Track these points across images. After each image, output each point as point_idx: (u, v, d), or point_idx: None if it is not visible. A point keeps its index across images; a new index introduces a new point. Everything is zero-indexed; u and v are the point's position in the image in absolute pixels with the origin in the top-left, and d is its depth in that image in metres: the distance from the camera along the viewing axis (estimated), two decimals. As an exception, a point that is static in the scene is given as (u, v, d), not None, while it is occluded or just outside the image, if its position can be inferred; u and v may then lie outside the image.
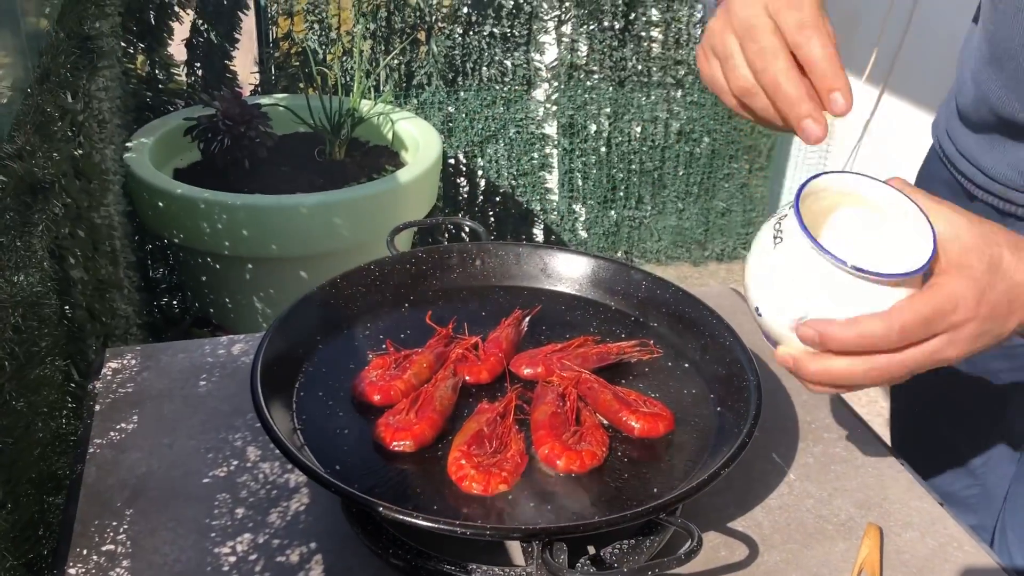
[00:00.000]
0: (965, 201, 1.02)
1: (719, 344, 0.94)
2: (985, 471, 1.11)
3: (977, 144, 1.00)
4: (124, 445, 0.92)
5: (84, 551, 0.79)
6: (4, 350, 0.82)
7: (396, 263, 1.05)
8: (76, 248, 1.15)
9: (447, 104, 2.89)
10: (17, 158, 0.94)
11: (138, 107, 2.44)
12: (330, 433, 0.84)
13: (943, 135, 1.09)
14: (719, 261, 3.41)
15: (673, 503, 0.72)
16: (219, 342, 1.10)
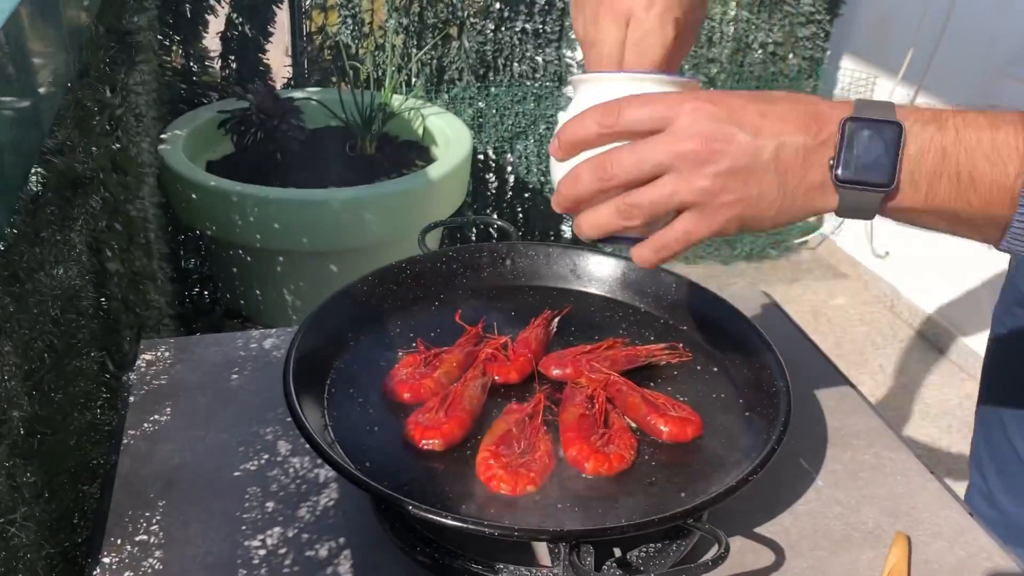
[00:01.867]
0: None
1: (749, 348, 0.93)
2: None
3: None
4: (158, 436, 0.94)
5: (118, 540, 0.81)
6: (44, 342, 0.83)
7: (427, 262, 1.06)
8: (113, 241, 1.16)
9: (478, 100, 2.89)
10: (58, 153, 0.95)
11: (172, 99, 2.47)
12: (360, 430, 0.85)
13: None
14: (748, 260, 3.39)
15: (700, 508, 0.72)
16: (251, 336, 1.12)
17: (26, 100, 0.92)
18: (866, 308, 3.15)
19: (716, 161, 0.61)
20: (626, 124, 0.64)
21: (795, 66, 3.10)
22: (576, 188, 0.67)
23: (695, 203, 0.63)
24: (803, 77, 3.12)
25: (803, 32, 3.05)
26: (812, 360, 1.11)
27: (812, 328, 2.97)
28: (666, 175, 0.63)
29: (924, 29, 2.84)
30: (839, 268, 3.38)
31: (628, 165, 0.63)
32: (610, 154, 0.64)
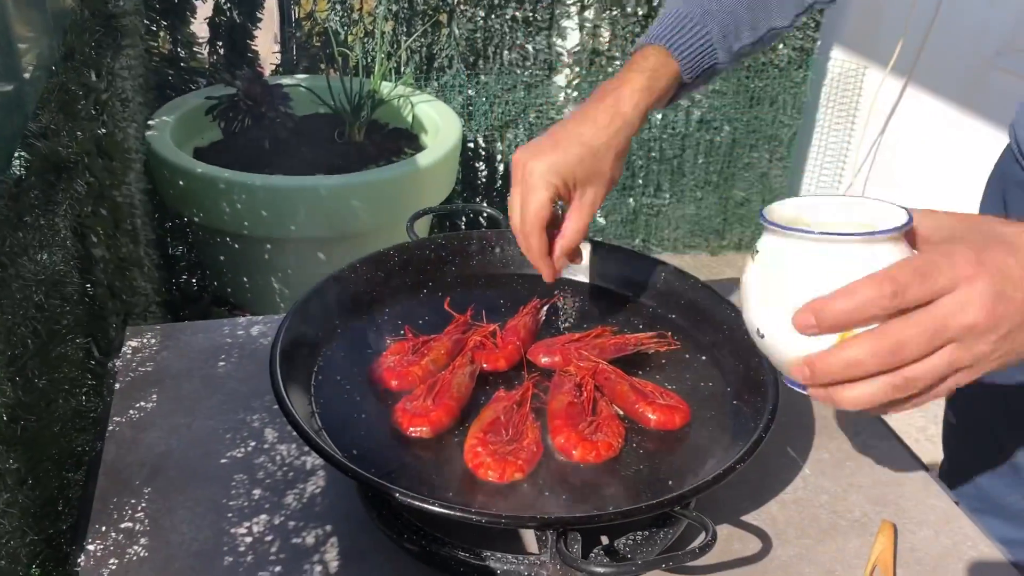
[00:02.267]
0: None
1: (737, 337, 0.93)
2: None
3: None
4: (143, 424, 0.93)
5: (103, 528, 0.80)
6: (27, 328, 0.82)
7: (416, 249, 1.06)
8: (98, 226, 1.15)
9: (467, 87, 2.88)
10: (42, 137, 0.94)
11: (159, 85, 2.45)
12: (347, 417, 0.84)
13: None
14: (737, 251, 3.39)
15: (688, 496, 0.72)
16: (238, 323, 1.11)
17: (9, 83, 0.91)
18: (854, 298, 3.16)
19: (998, 327, 0.60)
20: (908, 303, 0.59)
21: (785, 56, 3.10)
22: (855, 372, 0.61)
23: (971, 365, 0.63)
24: (793, 67, 3.12)
25: (794, 22, 3.04)
26: (800, 349, 1.11)
27: (800, 318, 2.98)
28: (948, 346, 0.61)
29: (914, 20, 2.84)
30: (827, 258, 3.39)
31: (922, 347, 0.60)
32: (900, 337, 0.59)
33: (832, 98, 3.29)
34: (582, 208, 0.88)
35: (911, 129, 2.98)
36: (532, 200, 0.86)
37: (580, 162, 0.86)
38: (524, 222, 0.87)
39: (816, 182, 3.45)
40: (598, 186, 0.88)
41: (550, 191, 0.86)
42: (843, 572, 0.80)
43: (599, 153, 0.86)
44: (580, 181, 0.87)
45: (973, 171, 2.77)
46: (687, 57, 0.90)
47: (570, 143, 0.86)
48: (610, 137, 0.87)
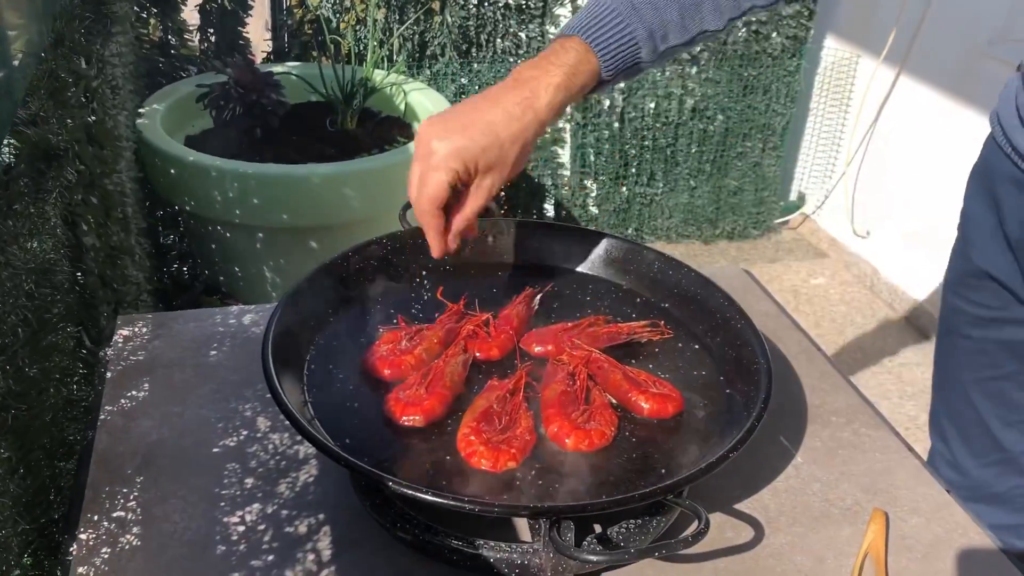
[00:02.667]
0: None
1: (730, 326, 0.93)
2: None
3: None
4: (135, 412, 0.93)
5: (95, 517, 0.80)
6: (18, 316, 0.82)
7: (408, 238, 1.05)
8: (89, 215, 1.15)
9: (460, 76, 2.87)
10: (31, 124, 0.93)
11: (150, 72, 2.43)
12: (340, 406, 0.84)
13: (1012, 126, 1.04)
14: (729, 240, 3.39)
15: (680, 485, 0.72)
16: (230, 312, 1.11)
17: (-2, 69, 0.90)
18: (846, 288, 3.16)
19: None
20: None
21: (779, 45, 3.09)
22: None
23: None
24: (786, 56, 3.12)
25: (787, 11, 3.04)
26: (793, 338, 1.12)
27: (792, 307, 2.99)
28: None
29: (907, 9, 2.84)
30: (820, 247, 3.40)
31: None
32: None
33: (825, 87, 3.29)
34: (479, 193, 0.88)
35: (904, 118, 2.99)
36: (431, 181, 0.85)
37: (484, 151, 0.85)
38: (420, 200, 0.87)
39: (809, 171, 3.45)
40: (498, 175, 0.87)
41: (450, 175, 0.85)
42: (835, 560, 0.80)
43: (505, 145, 0.86)
44: (481, 168, 0.86)
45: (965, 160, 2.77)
46: (609, 54, 0.89)
47: (478, 130, 0.85)
48: (520, 130, 0.86)
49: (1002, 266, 1.08)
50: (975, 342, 1.14)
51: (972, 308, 1.13)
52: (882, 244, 3.13)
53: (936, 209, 2.81)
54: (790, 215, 3.50)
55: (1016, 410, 1.11)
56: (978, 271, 1.11)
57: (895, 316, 2.99)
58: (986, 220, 1.08)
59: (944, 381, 1.22)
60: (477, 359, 0.92)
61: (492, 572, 0.74)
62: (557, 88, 0.87)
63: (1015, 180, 1.03)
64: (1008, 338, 1.09)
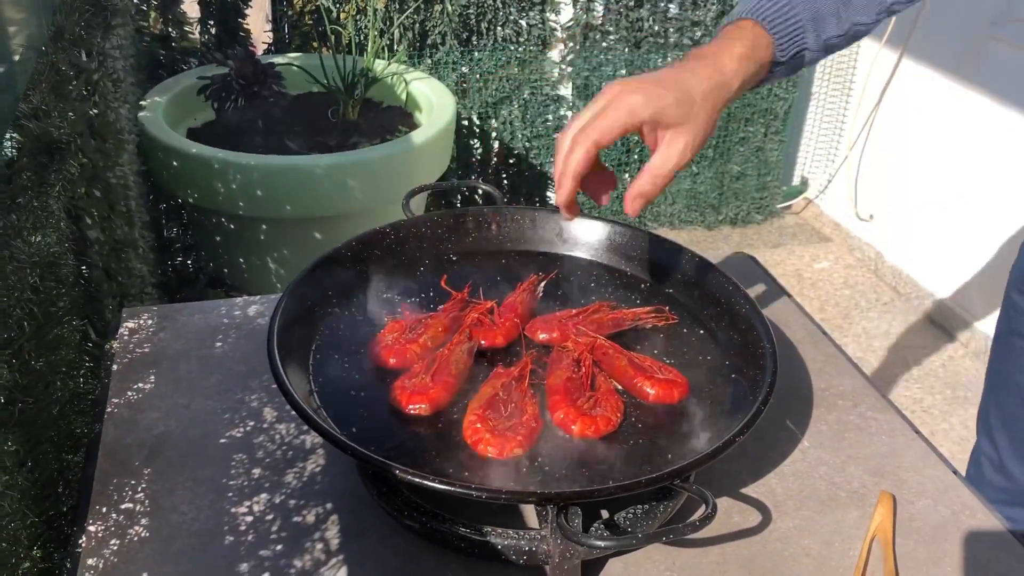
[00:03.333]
0: None
1: (735, 311, 0.93)
2: None
3: None
4: (142, 405, 0.93)
5: (103, 509, 0.80)
6: (23, 310, 0.82)
7: (411, 227, 1.05)
8: (92, 208, 1.15)
9: (461, 64, 2.86)
10: (33, 117, 0.93)
11: (151, 65, 2.42)
12: (346, 396, 0.84)
13: None
14: (732, 225, 3.39)
15: (687, 469, 0.72)
16: (235, 303, 1.11)
17: (-1, 63, 0.90)
18: (850, 271, 3.16)
19: None
20: None
21: (780, 29, 3.07)
22: None
23: None
24: (788, 40, 3.10)
25: None
26: (798, 322, 1.11)
27: (796, 292, 2.99)
28: None
29: (910, -10, 2.82)
30: (823, 232, 3.39)
31: None
32: None
33: (827, 71, 3.27)
34: (670, 151, 0.79)
35: (907, 100, 2.97)
36: (609, 116, 0.77)
37: (677, 104, 0.78)
38: (586, 131, 0.78)
39: (812, 156, 3.44)
40: (690, 135, 0.79)
41: (632, 120, 0.78)
42: (842, 543, 0.80)
43: (697, 101, 0.79)
44: (672, 123, 0.78)
45: (970, 141, 2.76)
46: (781, 33, 0.86)
47: (670, 83, 0.79)
48: (710, 90, 0.80)
49: None
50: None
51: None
52: (886, 227, 3.12)
53: (940, 191, 2.80)
54: (793, 200, 3.49)
55: None
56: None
57: (899, 299, 2.99)
58: None
59: (999, 381, 1.18)
60: (482, 347, 0.92)
61: (500, 559, 0.74)
62: (742, 57, 0.83)
63: None
64: None
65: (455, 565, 0.76)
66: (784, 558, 0.79)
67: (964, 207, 2.69)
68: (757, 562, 0.78)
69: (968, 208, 2.68)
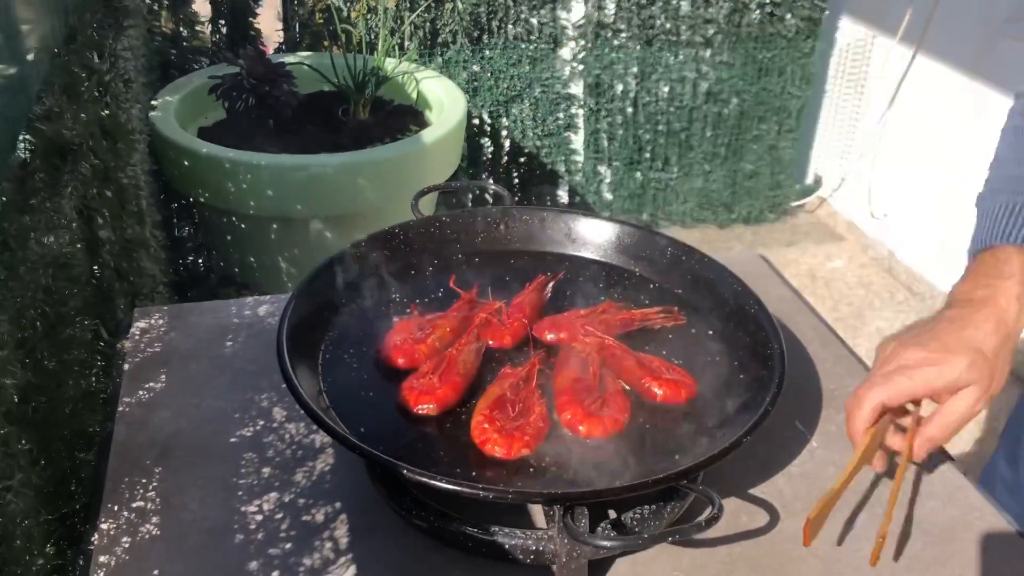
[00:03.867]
0: None
1: (744, 311, 0.93)
2: None
3: None
4: (153, 404, 0.94)
5: (115, 507, 0.81)
6: (36, 310, 0.83)
7: (421, 227, 1.05)
8: (104, 208, 1.16)
9: (472, 63, 2.86)
10: (46, 120, 0.94)
11: (162, 65, 2.44)
12: (355, 395, 0.85)
13: None
14: (745, 224, 3.38)
15: (694, 470, 0.72)
16: (245, 303, 1.11)
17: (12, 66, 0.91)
18: (863, 271, 3.15)
19: None
20: None
21: (793, 26, 3.06)
22: None
23: None
24: (801, 38, 3.09)
25: None
26: (808, 322, 1.11)
27: (809, 291, 2.98)
28: None
29: (923, -13, 2.80)
30: (836, 230, 3.37)
31: None
32: None
33: (841, 68, 3.26)
34: (964, 406, 0.80)
35: (921, 98, 2.96)
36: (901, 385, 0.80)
37: (970, 369, 0.79)
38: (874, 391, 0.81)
39: (825, 154, 3.43)
40: (984, 390, 0.80)
41: (926, 391, 0.81)
42: (851, 543, 0.80)
43: (990, 357, 0.80)
44: (964, 383, 0.80)
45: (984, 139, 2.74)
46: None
47: (961, 346, 0.79)
48: (1000, 344, 0.81)
49: None
50: None
51: None
52: (900, 226, 3.11)
53: (954, 190, 2.78)
54: (806, 198, 3.48)
55: None
56: None
57: (913, 298, 2.97)
58: None
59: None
60: (490, 347, 0.92)
61: (507, 558, 0.74)
62: (1020, 297, 0.82)
63: None
64: None
65: (462, 564, 0.76)
66: (792, 559, 0.79)
67: (977, 205, 2.67)
68: (764, 562, 0.78)
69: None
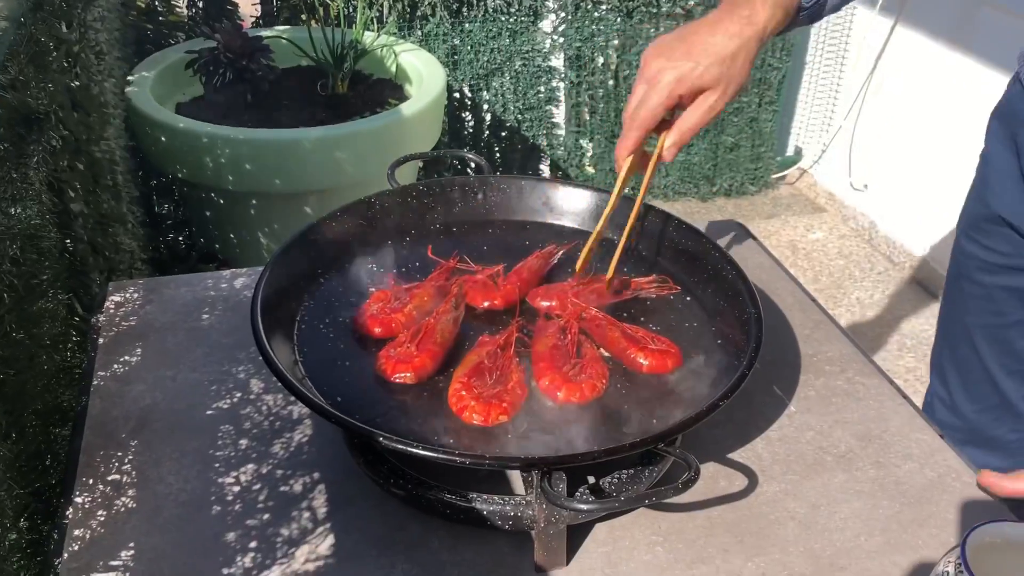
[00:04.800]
0: None
1: (721, 277, 0.93)
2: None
3: None
4: (128, 377, 0.93)
5: (90, 480, 0.80)
6: (3, 282, 0.82)
7: (397, 197, 1.04)
8: (75, 181, 1.14)
9: (452, 36, 2.83)
10: (10, 88, 0.92)
11: (138, 40, 2.40)
12: (331, 365, 0.84)
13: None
14: (727, 196, 3.37)
15: (672, 433, 0.72)
16: (221, 276, 1.10)
17: (-25, 34, 0.89)
18: (844, 241, 3.15)
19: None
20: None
21: (774, -3, 3.05)
22: None
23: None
24: (782, 8, 3.07)
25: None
26: (787, 288, 1.11)
27: (790, 262, 2.98)
28: None
29: (903, -43, 2.79)
30: (817, 202, 3.38)
31: None
32: None
33: (821, 39, 3.25)
34: (701, 110, 0.89)
35: (901, 68, 2.96)
36: (652, 99, 0.87)
37: (707, 70, 0.86)
38: (635, 117, 0.89)
39: (806, 125, 3.43)
40: (722, 91, 0.88)
41: (672, 100, 0.87)
42: (828, 506, 0.81)
43: (726, 62, 0.87)
44: (705, 86, 0.88)
45: (964, 108, 2.74)
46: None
47: (701, 53, 0.87)
48: (741, 44, 0.87)
49: (1018, 211, 1.06)
50: (984, 288, 1.13)
51: (984, 253, 1.12)
52: (880, 197, 3.11)
53: (935, 160, 2.79)
54: (787, 170, 3.48)
55: (1019, 358, 1.10)
56: (993, 216, 1.09)
57: (893, 268, 2.99)
58: (1006, 163, 1.07)
59: (950, 324, 1.21)
60: (482, 307, 0.92)
61: (486, 524, 0.74)
62: (775, 4, 0.89)
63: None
64: (1017, 286, 1.09)
65: (441, 532, 0.76)
66: (770, 522, 0.79)
67: (959, 176, 2.68)
68: (743, 526, 0.78)
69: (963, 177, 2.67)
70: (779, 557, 0.76)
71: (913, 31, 2.86)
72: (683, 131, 0.90)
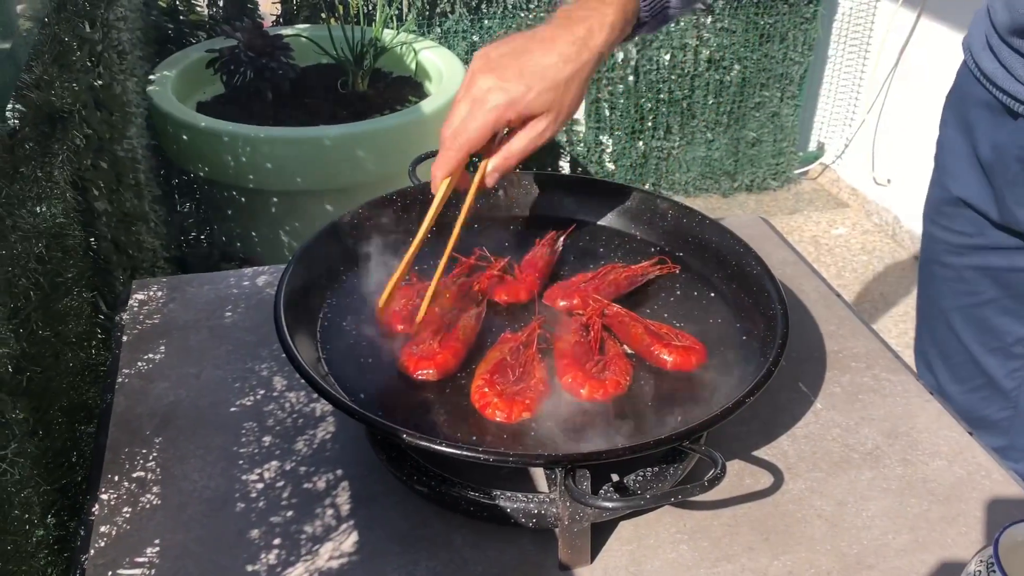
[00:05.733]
0: (1008, 120, 0.99)
1: (746, 272, 0.92)
2: (1019, 393, 1.11)
3: None
4: (152, 375, 0.93)
5: (115, 477, 0.81)
6: (29, 280, 0.82)
7: (419, 193, 1.04)
8: (99, 180, 1.14)
9: (471, 33, 2.83)
10: (35, 88, 0.93)
11: (160, 39, 2.41)
12: (354, 362, 0.84)
13: (981, 51, 1.04)
14: (748, 192, 3.35)
15: (697, 431, 0.71)
16: (244, 274, 1.10)
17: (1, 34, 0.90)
18: (867, 237, 3.13)
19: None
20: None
21: (795, -9, 3.03)
22: None
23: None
24: (803, 3, 3.05)
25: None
26: (811, 284, 1.10)
27: (813, 258, 2.96)
28: None
29: (927, -51, 2.76)
30: (840, 197, 3.35)
31: None
32: None
33: (843, 33, 3.22)
34: (530, 135, 0.85)
35: (924, 62, 2.92)
36: (476, 122, 0.82)
37: (539, 96, 0.82)
38: (457, 137, 0.84)
39: (828, 120, 3.40)
40: (552, 118, 0.84)
41: (500, 125, 0.83)
42: (855, 504, 0.80)
43: (560, 87, 0.83)
44: (536, 112, 0.83)
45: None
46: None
47: (534, 76, 0.82)
48: (575, 71, 0.83)
49: (976, 191, 1.08)
50: (954, 270, 1.15)
51: (949, 236, 1.14)
52: (904, 191, 3.08)
53: (959, 154, 2.75)
54: (810, 165, 3.45)
55: (997, 335, 1.11)
56: (953, 199, 1.12)
57: (917, 264, 2.96)
58: (960, 146, 1.09)
59: (927, 310, 1.23)
60: (504, 302, 0.92)
61: (509, 522, 0.74)
62: (612, 27, 0.85)
63: (985, 103, 1.03)
64: (985, 264, 1.10)
65: (465, 529, 0.76)
66: (796, 519, 0.78)
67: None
68: (769, 524, 0.78)
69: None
70: (805, 555, 0.75)
71: (937, 23, 2.83)
72: (508, 157, 0.85)
